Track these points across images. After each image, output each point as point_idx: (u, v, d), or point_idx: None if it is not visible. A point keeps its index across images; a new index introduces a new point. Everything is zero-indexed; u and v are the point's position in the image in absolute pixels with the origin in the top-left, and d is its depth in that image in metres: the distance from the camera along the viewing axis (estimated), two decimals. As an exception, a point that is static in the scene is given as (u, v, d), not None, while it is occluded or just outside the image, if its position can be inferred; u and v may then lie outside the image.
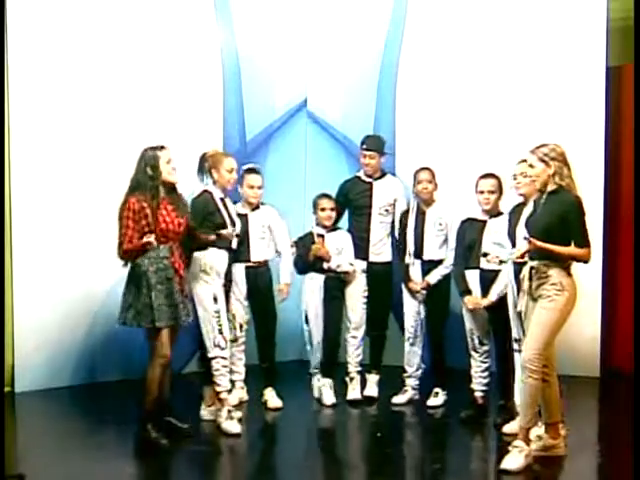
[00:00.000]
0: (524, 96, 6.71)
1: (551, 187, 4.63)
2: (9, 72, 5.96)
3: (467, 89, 6.88)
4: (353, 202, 6.19)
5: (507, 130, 6.63)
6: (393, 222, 6.10)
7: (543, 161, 4.61)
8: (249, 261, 5.81)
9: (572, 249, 4.59)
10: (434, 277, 5.82)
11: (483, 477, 4.92)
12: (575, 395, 5.86)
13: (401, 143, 6.99)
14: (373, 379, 6.21)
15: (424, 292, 5.87)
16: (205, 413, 5.57)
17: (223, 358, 5.32)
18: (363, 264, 6.11)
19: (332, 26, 7.31)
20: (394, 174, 6.43)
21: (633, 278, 6.36)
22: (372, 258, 6.10)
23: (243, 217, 5.76)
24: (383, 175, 6.18)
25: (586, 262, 4.64)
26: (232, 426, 5.27)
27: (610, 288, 6.73)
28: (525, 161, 4.82)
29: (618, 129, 6.77)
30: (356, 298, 6.13)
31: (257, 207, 5.87)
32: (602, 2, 6.59)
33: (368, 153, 6.10)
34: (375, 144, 6.13)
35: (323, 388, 5.99)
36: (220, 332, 5.30)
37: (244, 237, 5.74)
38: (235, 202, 5.78)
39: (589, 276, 6.32)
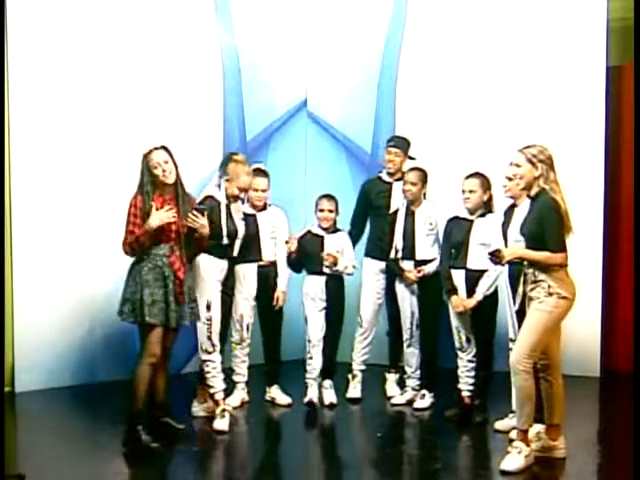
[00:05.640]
0: (524, 96, 6.72)
1: (535, 190, 4.58)
2: (9, 72, 5.95)
3: (467, 89, 6.89)
4: (373, 202, 6.16)
5: (507, 130, 6.62)
6: None
7: (531, 162, 4.57)
8: (261, 260, 5.82)
9: (546, 254, 4.50)
10: (430, 267, 5.76)
11: (479, 477, 4.93)
12: (575, 395, 5.86)
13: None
14: (392, 378, 6.21)
15: (417, 278, 5.78)
16: (197, 410, 5.61)
17: (212, 361, 5.37)
18: (382, 264, 6.08)
19: (332, 27, 7.33)
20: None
21: (633, 278, 6.37)
22: None
23: (251, 217, 5.78)
24: (402, 178, 6.18)
25: (562, 266, 4.53)
26: (220, 424, 5.30)
27: (610, 288, 6.73)
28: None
29: (618, 129, 6.77)
30: (369, 297, 6.11)
31: (264, 208, 5.87)
32: (602, 2, 6.60)
33: (394, 150, 6.07)
34: (402, 143, 6.11)
35: (324, 389, 5.97)
36: (209, 338, 5.35)
37: (254, 237, 5.76)
38: (242, 202, 5.82)
39: (589, 276, 6.33)
